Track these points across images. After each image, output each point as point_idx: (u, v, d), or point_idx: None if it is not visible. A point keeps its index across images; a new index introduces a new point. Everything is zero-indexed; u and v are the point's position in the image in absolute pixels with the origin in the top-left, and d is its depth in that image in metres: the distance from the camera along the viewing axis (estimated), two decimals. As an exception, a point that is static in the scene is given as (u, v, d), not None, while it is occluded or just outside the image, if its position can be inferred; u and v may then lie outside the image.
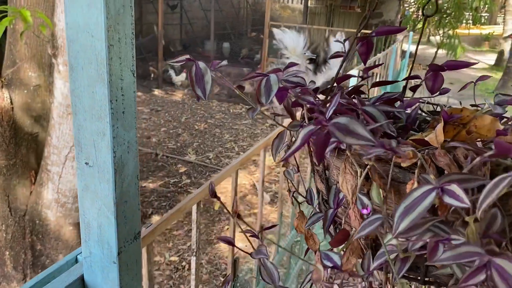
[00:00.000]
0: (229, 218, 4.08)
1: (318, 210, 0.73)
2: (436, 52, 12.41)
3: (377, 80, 5.44)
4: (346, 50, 0.69)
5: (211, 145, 5.78)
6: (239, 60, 9.83)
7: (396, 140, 0.58)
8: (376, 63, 5.07)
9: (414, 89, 0.77)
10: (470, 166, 0.46)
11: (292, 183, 0.71)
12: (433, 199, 0.43)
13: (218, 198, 0.61)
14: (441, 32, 12.03)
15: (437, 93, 0.75)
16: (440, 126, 0.55)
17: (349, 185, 0.59)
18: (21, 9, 2.23)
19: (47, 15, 2.73)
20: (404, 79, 0.79)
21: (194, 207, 1.10)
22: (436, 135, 0.56)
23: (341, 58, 0.72)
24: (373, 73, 5.39)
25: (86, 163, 0.70)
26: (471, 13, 12.74)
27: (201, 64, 0.61)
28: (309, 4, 8.63)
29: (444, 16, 11.70)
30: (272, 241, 2.82)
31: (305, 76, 0.72)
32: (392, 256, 0.49)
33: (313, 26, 8.10)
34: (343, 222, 0.60)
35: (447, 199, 0.41)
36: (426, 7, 0.82)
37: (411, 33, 8.69)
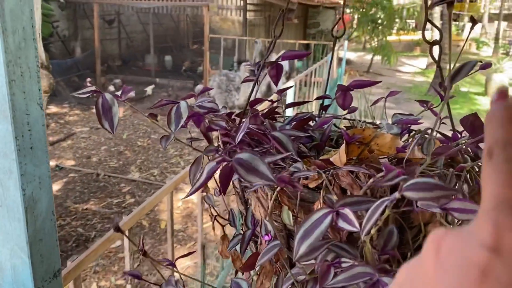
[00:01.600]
0: (177, 237, 4.01)
1: (241, 231, 0.74)
2: (372, 59, 12.98)
3: (315, 88, 5.59)
4: (257, 75, 0.70)
5: (156, 161, 5.67)
6: (182, 73, 9.76)
7: (302, 161, 0.60)
8: (312, 73, 5.21)
9: (325, 108, 0.80)
10: (366, 187, 0.49)
11: (214, 207, 0.72)
12: (329, 223, 0.45)
13: (123, 233, 0.60)
14: (375, 40, 12.62)
15: (346, 112, 0.79)
16: (342, 147, 0.58)
17: (261, 209, 0.61)
18: None
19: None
20: (316, 99, 0.82)
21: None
22: (339, 156, 0.59)
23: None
24: (315, 82, 5.54)
25: (-6, 203, 0.66)
26: (400, 22, 13.49)
27: (108, 96, 0.60)
28: (248, 16, 8.75)
29: (377, 26, 12.30)
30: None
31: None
32: (301, 277, 0.50)
33: (252, 38, 8.21)
34: (259, 244, 0.61)
35: (341, 223, 0.43)
36: (335, 29, 0.86)
37: (346, 42, 9.05)
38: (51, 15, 8.04)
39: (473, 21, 0.67)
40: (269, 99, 0.75)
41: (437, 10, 13.02)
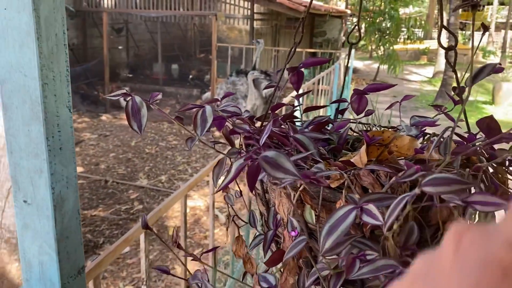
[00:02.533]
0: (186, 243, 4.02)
1: (262, 232, 0.76)
2: (378, 68, 13.01)
3: (323, 96, 5.61)
4: (278, 81, 0.73)
5: (163, 168, 5.70)
6: (189, 81, 9.83)
7: (324, 162, 0.62)
8: (320, 81, 5.24)
9: (342, 112, 0.82)
10: (388, 185, 0.51)
11: (233, 208, 0.74)
12: (354, 218, 0.47)
13: (151, 229, 0.62)
14: (382, 49, 12.66)
15: (363, 115, 0.81)
16: (363, 149, 0.60)
17: (285, 208, 0.63)
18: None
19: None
20: (332, 102, 0.84)
21: (142, 236, 1.10)
22: (360, 157, 0.61)
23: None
24: (322, 90, 5.57)
25: (25, 201, 0.69)
26: (407, 32, 13.54)
27: (137, 98, 0.63)
28: (255, 25, 8.83)
29: (384, 35, 12.35)
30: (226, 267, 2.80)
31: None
32: (325, 273, 0.52)
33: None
34: (282, 242, 0.63)
35: (365, 218, 0.45)
36: (350, 35, 0.89)
37: (353, 50, 9.08)
38: (61, 24, 8.13)
39: (485, 28, 0.69)
40: (289, 103, 0.78)
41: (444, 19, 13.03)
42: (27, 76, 0.63)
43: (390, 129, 0.73)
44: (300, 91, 0.79)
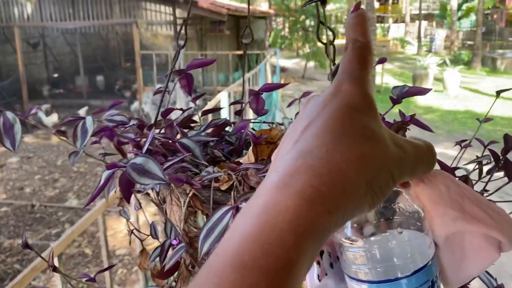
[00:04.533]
0: (123, 261, 3.87)
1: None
2: (306, 65, 13.39)
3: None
4: (165, 86, 0.71)
5: (94, 186, 5.46)
6: (115, 92, 9.51)
7: (213, 166, 0.61)
8: (248, 82, 5.29)
9: (239, 113, 0.82)
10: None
11: (130, 222, 0.71)
12: (229, 219, 0.46)
13: (32, 249, 0.58)
14: (307, 46, 13.05)
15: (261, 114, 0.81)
16: (251, 149, 0.60)
17: (176, 216, 0.61)
18: None
19: None
20: (232, 104, 0.84)
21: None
22: (248, 157, 0.61)
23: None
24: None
25: None
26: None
27: (10, 114, 0.58)
28: (179, 30, 8.70)
29: (307, 33, 12.74)
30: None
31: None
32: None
33: (186, 51, 8.19)
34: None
35: (242, 218, 0.44)
36: (243, 34, 0.88)
37: (278, 50, 9.26)
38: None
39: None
40: (180, 108, 0.76)
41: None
42: None
43: (277, 126, 0.74)
44: (225, 93, 0.77)
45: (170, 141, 0.60)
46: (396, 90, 0.60)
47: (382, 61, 0.75)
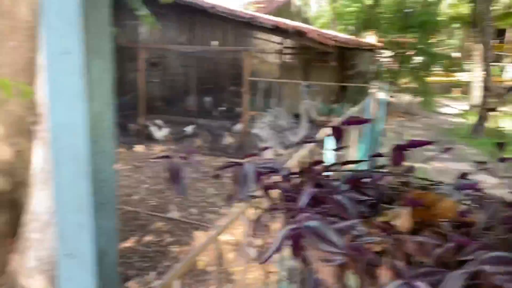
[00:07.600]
0: (215, 277, 3.98)
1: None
2: (411, 101, 12.87)
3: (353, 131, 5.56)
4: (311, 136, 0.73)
5: (194, 200, 5.74)
6: (221, 114, 10.00)
7: (362, 221, 0.61)
8: (355, 115, 5.21)
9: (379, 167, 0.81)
10: (435, 257, 0.50)
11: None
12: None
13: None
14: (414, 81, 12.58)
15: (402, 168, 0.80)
16: (406, 214, 0.59)
17: (325, 270, 0.62)
18: (3, 80, 2.28)
19: (28, 82, 2.78)
20: (370, 157, 0.84)
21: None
22: (402, 221, 0.60)
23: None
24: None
25: (68, 255, 0.71)
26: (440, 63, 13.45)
27: (177, 162, 0.64)
28: (284, 59, 8.96)
29: (415, 70, 12.32)
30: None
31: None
32: None
33: (290, 81, 8.39)
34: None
35: (413, 295, 0.44)
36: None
37: (386, 84, 9.02)
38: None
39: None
40: (319, 161, 0.78)
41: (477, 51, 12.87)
42: (76, 135, 0.66)
43: (431, 187, 0.72)
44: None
45: (325, 197, 0.62)
46: None
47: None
